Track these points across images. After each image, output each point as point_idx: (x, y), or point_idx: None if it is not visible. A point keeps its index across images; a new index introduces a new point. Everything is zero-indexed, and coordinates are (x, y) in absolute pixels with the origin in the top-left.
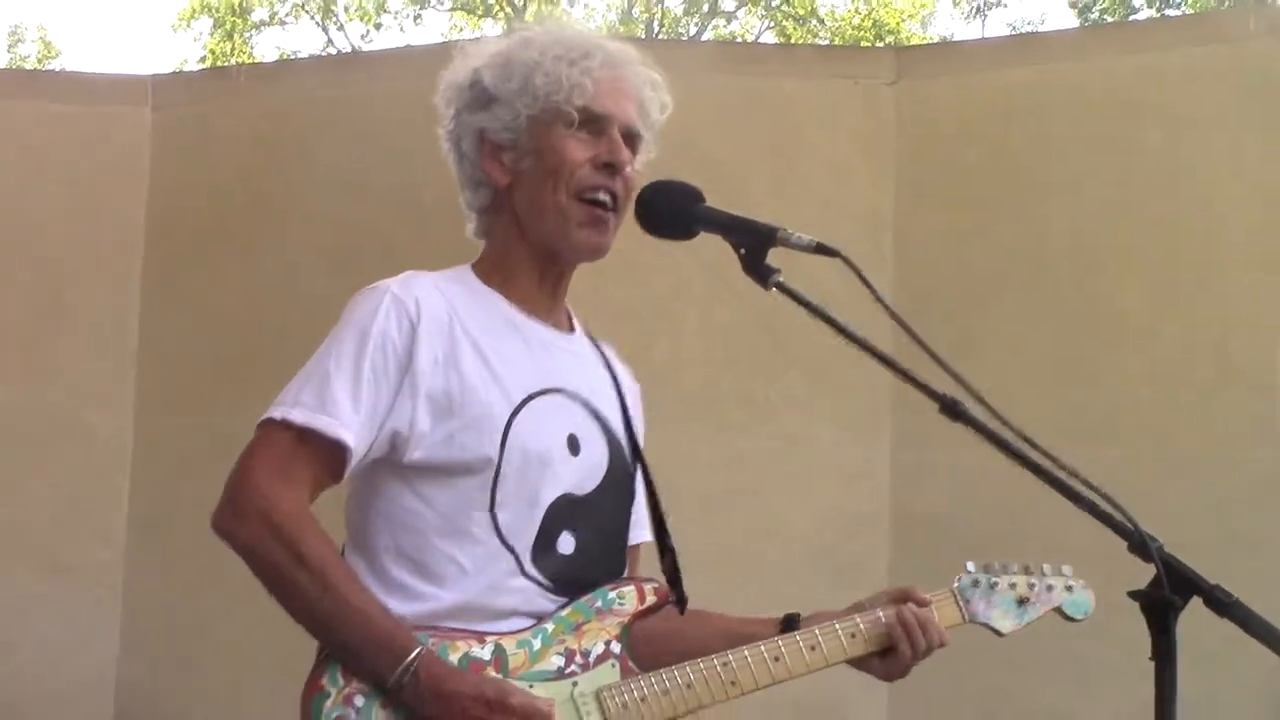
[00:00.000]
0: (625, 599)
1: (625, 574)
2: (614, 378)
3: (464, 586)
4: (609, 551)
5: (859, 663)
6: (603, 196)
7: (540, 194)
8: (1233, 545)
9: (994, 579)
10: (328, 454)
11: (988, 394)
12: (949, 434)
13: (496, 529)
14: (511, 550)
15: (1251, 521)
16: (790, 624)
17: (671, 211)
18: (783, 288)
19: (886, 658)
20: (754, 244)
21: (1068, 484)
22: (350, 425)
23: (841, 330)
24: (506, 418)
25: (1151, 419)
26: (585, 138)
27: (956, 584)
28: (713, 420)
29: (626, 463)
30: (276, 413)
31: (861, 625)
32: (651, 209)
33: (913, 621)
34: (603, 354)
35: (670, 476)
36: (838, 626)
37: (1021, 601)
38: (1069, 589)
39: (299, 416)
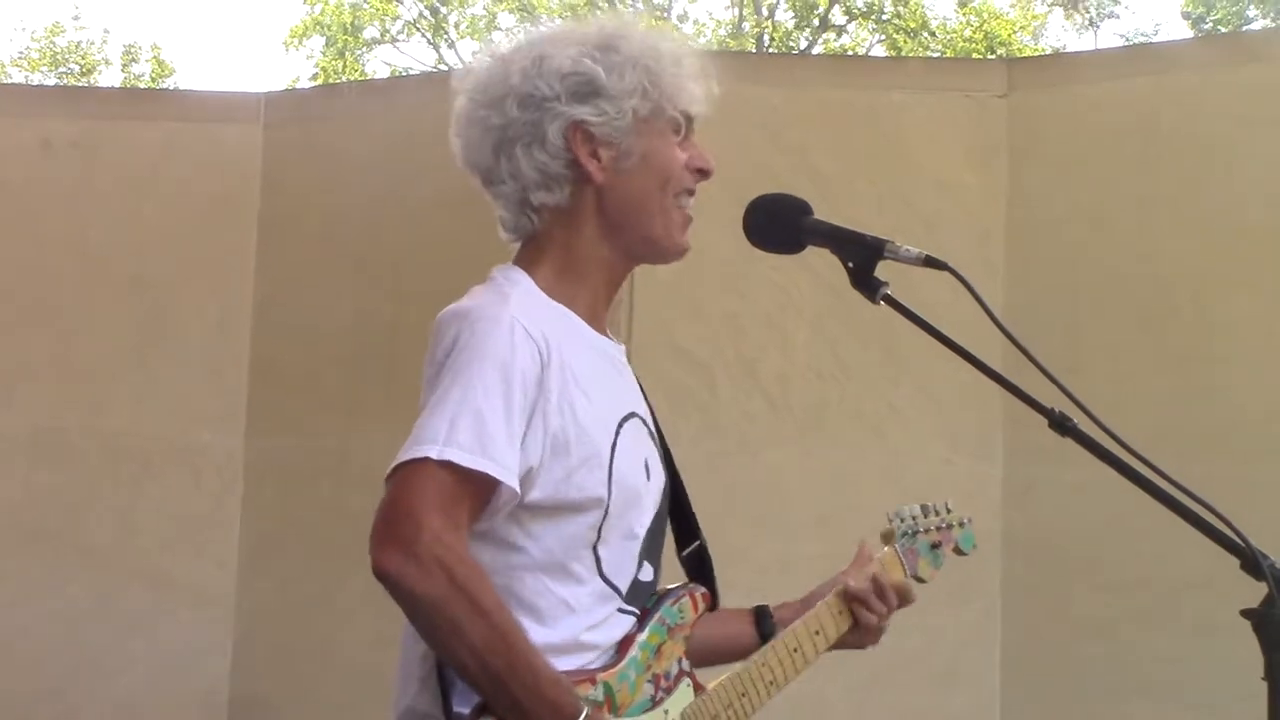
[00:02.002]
0: (684, 612)
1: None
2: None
3: (572, 626)
4: (660, 563)
5: (837, 645)
6: (690, 202)
7: (645, 198)
8: None
9: (913, 528)
10: (486, 496)
11: (1098, 409)
12: (1060, 450)
13: (599, 567)
14: (614, 587)
15: None
16: (762, 614)
17: (780, 224)
18: (891, 301)
19: (854, 632)
20: (862, 257)
21: (1178, 500)
22: (512, 468)
23: (950, 344)
24: (609, 453)
25: (1265, 434)
26: (680, 142)
27: (895, 544)
28: (822, 436)
29: (669, 472)
30: (431, 451)
31: (822, 615)
32: (760, 222)
33: (865, 592)
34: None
35: (780, 493)
36: (805, 622)
37: (934, 546)
38: (960, 525)
39: (462, 458)
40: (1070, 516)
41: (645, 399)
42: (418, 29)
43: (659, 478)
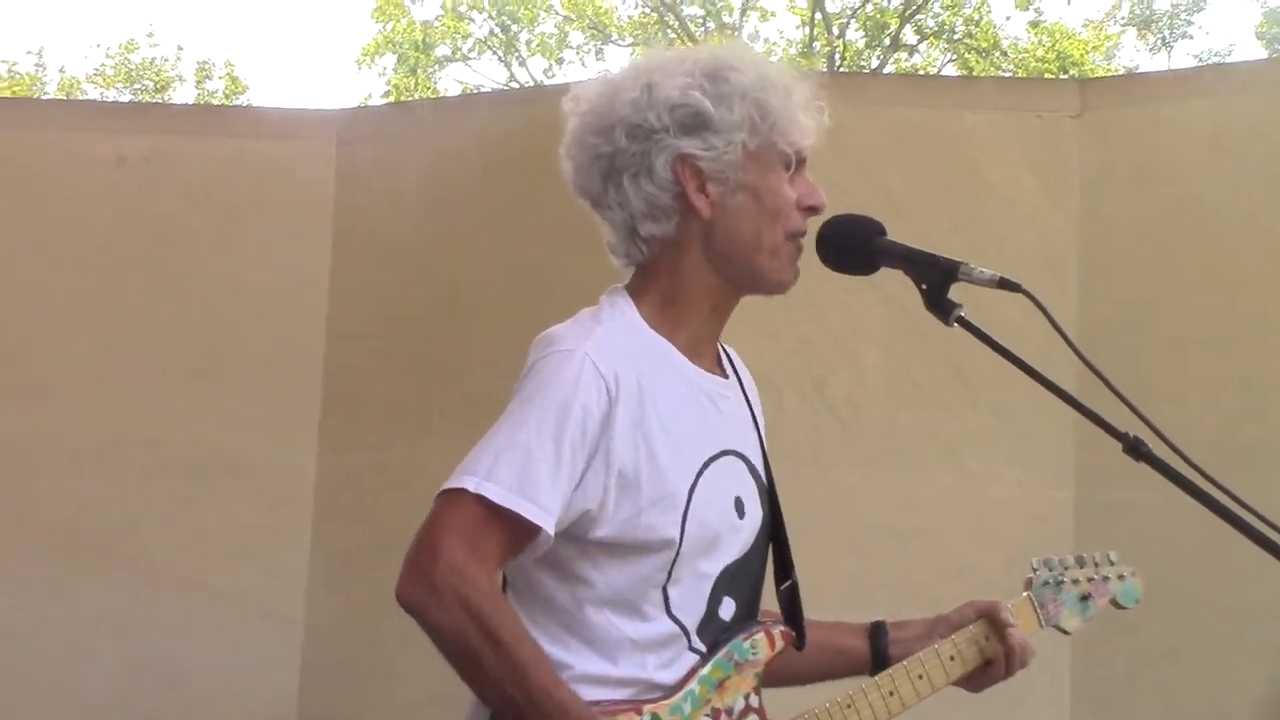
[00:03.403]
0: (758, 648)
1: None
2: (750, 407)
3: (635, 663)
4: (755, 602)
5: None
6: (801, 239)
7: (754, 235)
8: None
9: (1059, 577)
10: (521, 535)
11: (1170, 431)
12: (1134, 473)
13: (666, 605)
14: (681, 626)
15: None
16: (878, 630)
17: (853, 245)
18: (965, 324)
19: (976, 675)
20: (936, 279)
21: (1253, 526)
22: (551, 510)
23: (1024, 367)
24: (687, 494)
25: None
26: (790, 177)
27: (1030, 592)
28: (895, 459)
29: (769, 508)
30: (469, 483)
31: (961, 648)
32: (833, 243)
33: (1016, 648)
34: (736, 374)
35: (853, 515)
36: (939, 650)
37: (1084, 598)
38: (1121, 578)
39: (496, 495)
40: (1144, 541)
41: (758, 433)
42: (489, 47)
43: (754, 516)
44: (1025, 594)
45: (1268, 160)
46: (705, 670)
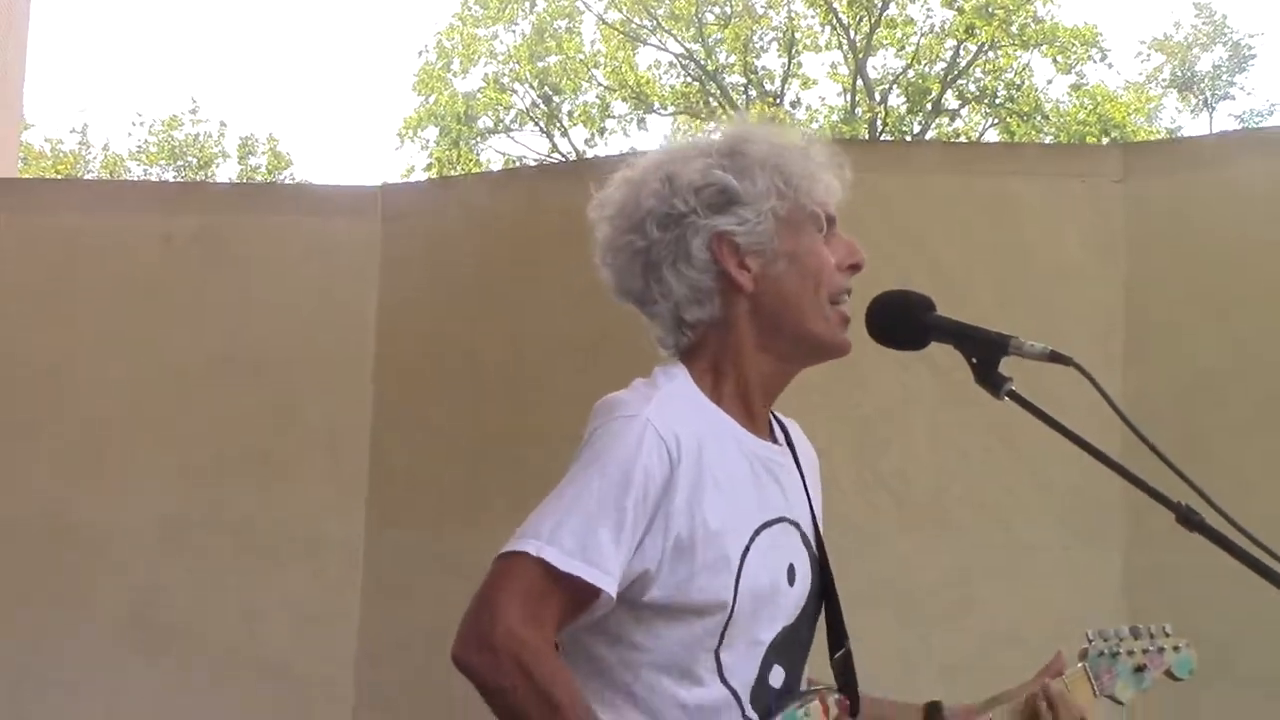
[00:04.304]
0: (811, 715)
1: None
2: (802, 476)
3: None
4: (803, 670)
5: None
6: (848, 298)
7: (800, 299)
8: None
9: (1114, 648)
10: (581, 599)
11: (1220, 495)
12: (1182, 537)
13: (719, 670)
14: (734, 692)
15: None
16: (934, 709)
17: (904, 322)
18: (1016, 397)
19: None
20: (986, 353)
21: None
22: (613, 574)
23: (1074, 439)
24: (740, 558)
25: None
26: (824, 238)
27: (1085, 662)
28: (945, 527)
29: (820, 575)
30: (531, 547)
31: (1006, 717)
32: (884, 319)
33: (1056, 695)
34: (790, 443)
35: (904, 585)
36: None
37: (1139, 669)
38: (1176, 649)
39: (559, 560)
40: (1195, 604)
41: (810, 503)
42: (531, 117)
43: (804, 584)
44: (1080, 664)
45: None
46: None
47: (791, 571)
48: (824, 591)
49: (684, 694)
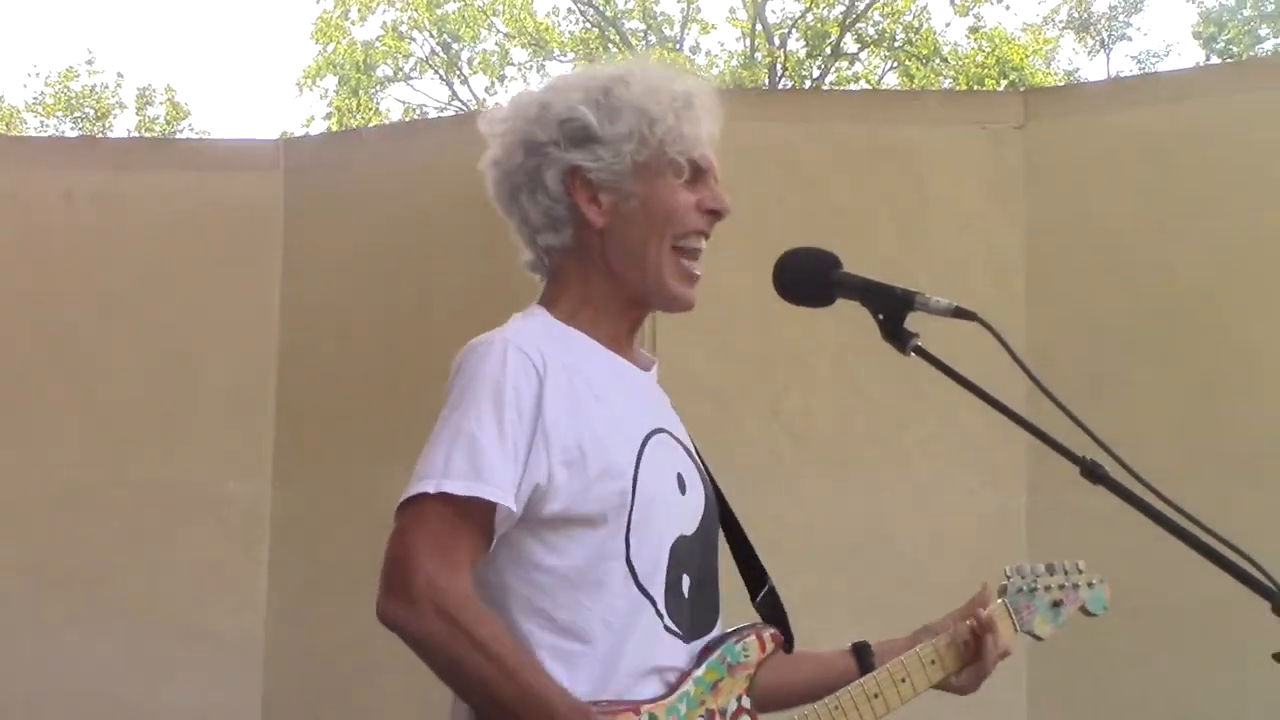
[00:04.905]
0: (749, 650)
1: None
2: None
3: (611, 642)
4: (712, 589)
5: (939, 684)
6: (699, 244)
7: (642, 243)
8: None
9: (1032, 584)
10: (487, 522)
11: (1121, 437)
12: (1081, 482)
13: (635, 578)
14: (651, 599)
15: None
16: (862, 652)
17: (810, 279)
18: (922, 353)
19: (961, 674)
20: (892, 309)
21: (1210, 546)
22: (508, 487)
23: (980, 394)
24: (634, 463)
25: None
26: (687, 185)
27: (1004, 598)
28: (849, 469)
29: (714, 499)
30: (429, 486)
31: (940, 652)
32: (790, 277)
33: (992, 624)
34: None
35: (810, 526)
36: (919, 653)
37: (1055, 604)
38: (1090, 585)
39: (458, 488)
40: (1098, 544)
41: (681, 426)
42: (430, 66)
43: (698, 494)
44: (1000, 600)
45: (1209, 165)
46: (700, 671)
47: (681, 481)
48: (731, 535)
49: (602, 606)
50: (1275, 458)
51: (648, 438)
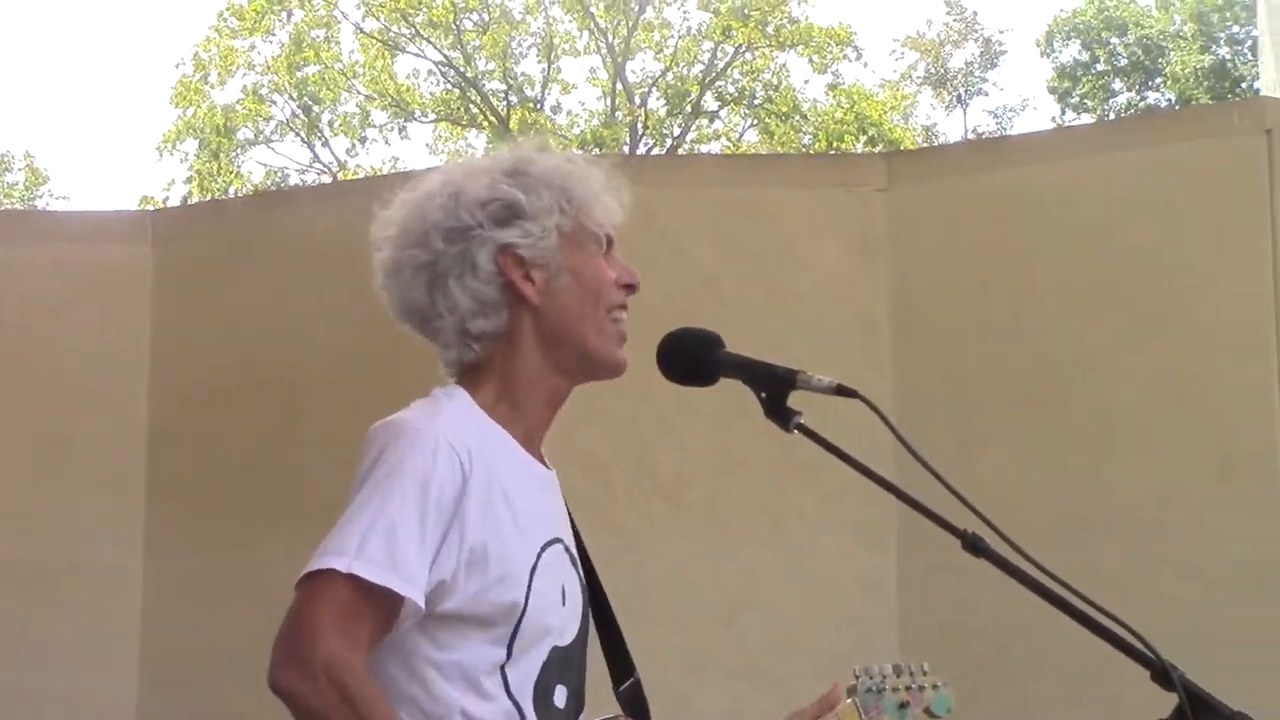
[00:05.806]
0: None
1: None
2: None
3: None
4: (582, 692)
5: None
6: (623, 316)
7: (582, 314)
8: (1223, 640)
9: (880, 685)
10: (391, 612)
11: (990, 494)
12: (952, 540)
13: (505, 685)
14: (518, 707)
15: (1249, 615)
16: None
17: (693, 360)
18: (805, 430)
19: None
20: (775, 388)
21: (1089, 615)
22: (419, 584)
23: (865, 471)
24: (529, 573)
25: (1150, 517)
26: (605, 256)
27: (855, 698)
28: (723, 534)
29: (595, 605)
30: (340, 564)
31: None
32: (674, 359)
33: None
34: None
35: (684, 592)
36: None
37: (902, 705)
38: (935, 688)
39: (371, 574)
40: (970, 601)
41: (572, 525)
42: (291, 128)
43: (575, 605)
44: (849, 700)
45: (1066, 226)
46: None
47: (564, 593)
48: (602, 620)
49: (471, 706)
50: (1143, 514)
51: (544, 548)
